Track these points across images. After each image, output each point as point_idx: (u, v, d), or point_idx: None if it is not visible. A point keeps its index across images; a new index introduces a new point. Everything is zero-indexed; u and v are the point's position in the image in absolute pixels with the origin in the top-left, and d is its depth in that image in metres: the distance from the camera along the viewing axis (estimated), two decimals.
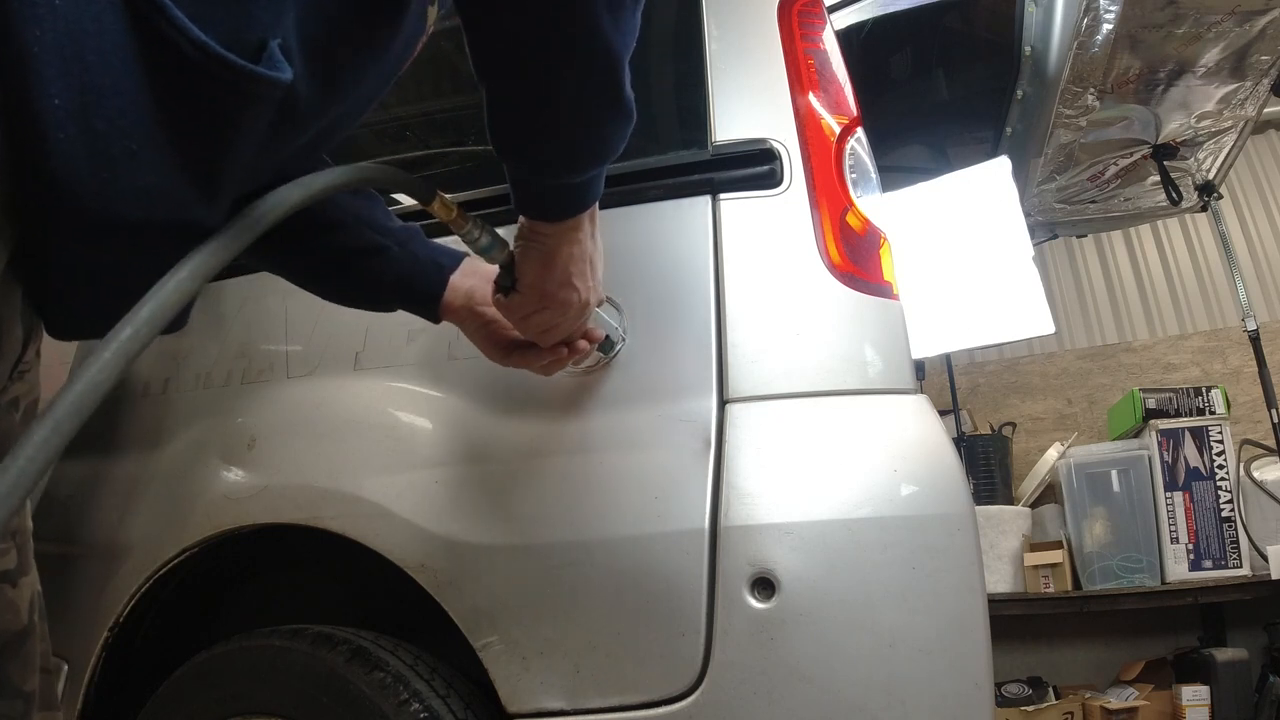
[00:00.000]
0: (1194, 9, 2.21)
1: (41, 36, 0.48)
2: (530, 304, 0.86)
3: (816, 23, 1.24)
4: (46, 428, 0.46)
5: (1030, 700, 3.12)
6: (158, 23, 0.51)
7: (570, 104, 0.70)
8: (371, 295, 0.97)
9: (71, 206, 0.51)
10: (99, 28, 0.50)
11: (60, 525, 1.32)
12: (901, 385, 1.10)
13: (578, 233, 0.82)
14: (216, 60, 0.53)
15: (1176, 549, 3.03)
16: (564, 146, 0.73)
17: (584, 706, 0.98)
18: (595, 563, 1.01)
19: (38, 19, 0.48)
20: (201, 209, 0.59)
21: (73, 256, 0.56)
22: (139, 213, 0.55)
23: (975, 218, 2.75)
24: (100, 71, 0.50)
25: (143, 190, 0.54)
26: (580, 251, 0.84)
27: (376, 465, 1.15)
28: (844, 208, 1.15)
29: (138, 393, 1.39)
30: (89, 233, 0.54)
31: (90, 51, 0.50)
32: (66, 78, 0.49)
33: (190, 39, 0.52)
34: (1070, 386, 4.28)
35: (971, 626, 0.98)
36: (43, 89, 0.48)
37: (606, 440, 1.07)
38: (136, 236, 0.56)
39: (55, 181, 0.50)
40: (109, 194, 0.52)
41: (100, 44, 0.50)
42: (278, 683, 1.08)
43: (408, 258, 0.94)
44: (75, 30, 0.49)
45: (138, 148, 0.53)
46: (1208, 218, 3.57)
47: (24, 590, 0.74)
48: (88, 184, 0.51)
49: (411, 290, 0.96)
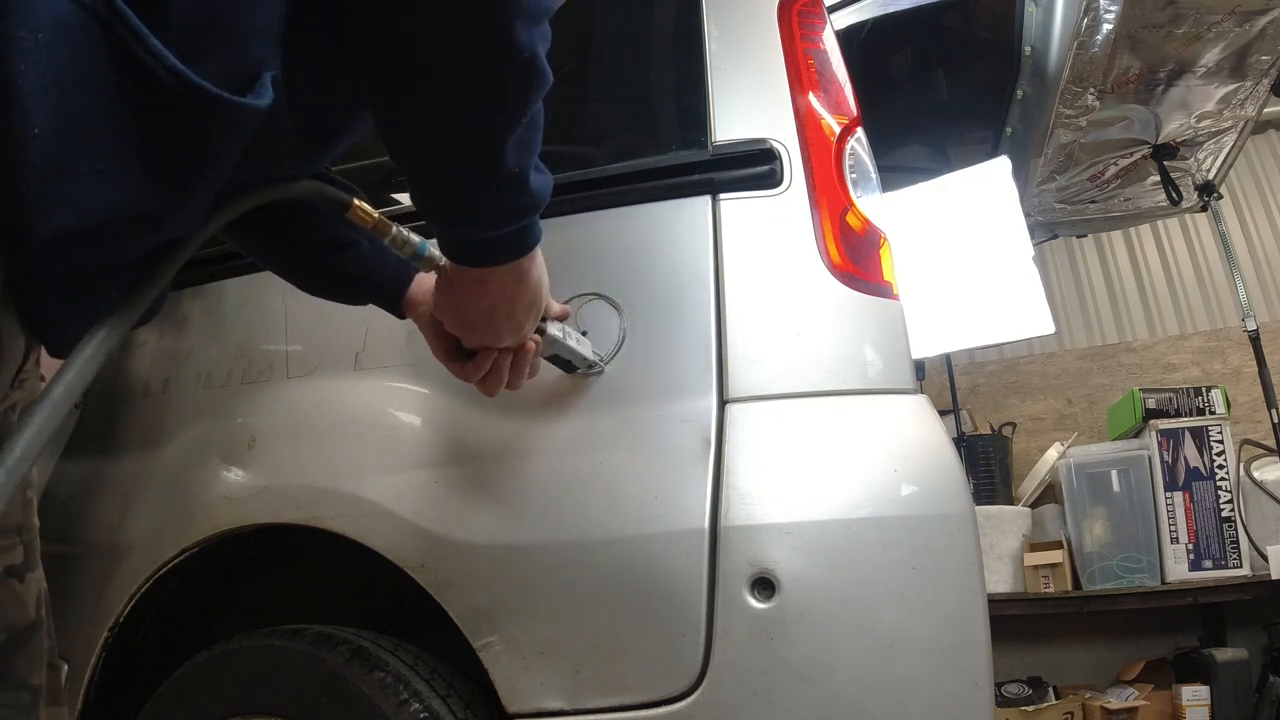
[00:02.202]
0: (1194, 9, 2.21)
1: (25, 70, 0.50)
2: (447, 320, 0.88)
3: (816, 23, 1.24)
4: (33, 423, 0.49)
5: (1030, 700, 3.12)
6: (137, 51, 0.53)
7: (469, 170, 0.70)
8: (340, 287, 0.98)
9: (40, 222, 0.53)
10: (80, 57, 0.52)
11: (60, 525, 1.32)
12: (901, 385, 1.10)
13: (486, 285, 0.82)
14: (192, 88, 0.55)
15: (1176, 549, 3.03)
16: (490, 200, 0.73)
17: (584, 706, 0.98)
18: (595, 563, 1.01)
19: (23, 53, 0.50)
20: (173, 219, 0.61)
21: (49, 273, 0.57)
22: (109, 226, 0.56)
23: (975, 218, 2.76)
24: (77, 97, 0.52)
25: (112, 205, 0.56)
26: (488, 303, 0.84)
27: (376, 465, 1.15)
28: (844, 208, 1.15)
29: (138, 393, 1.39)
30: (59, 248, 0.55)
31: (69, 79, 0.52)
32: (46, 107, 0.51)
33: (166, 66, 0.54)
34: (1070, 386, 4.28)
35: (971, 626, 0.98)
36: (25, 119, 0.50)
37: (607, 440, 1.07)
38: (109, 249, 0.58)
39: (24, 201, 0.52)
40: (77, 209, 0.54)
41: (79, 71, 0.52)
42: (278, 683, 1.08)
43: (376, 253, 0.95)
44: (56, 60, 0.51)
45: (107, 166, 0.54)
46: (1208, 218, 3.57)
47: (31, 585, 0.75)
48: (56, 201, 0.53)
49: (377, 284, 0.97)
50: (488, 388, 0.95)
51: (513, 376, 0.95)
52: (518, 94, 0.66)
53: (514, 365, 0.94)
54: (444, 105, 0.65)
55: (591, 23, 1.38)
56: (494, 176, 0.69)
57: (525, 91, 0.66)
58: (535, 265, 0.84)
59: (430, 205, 0.74)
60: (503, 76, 0.64)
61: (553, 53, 0.68)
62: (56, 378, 0.55)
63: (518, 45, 0.62)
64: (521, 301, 0.85)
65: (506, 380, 0.95)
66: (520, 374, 0.96)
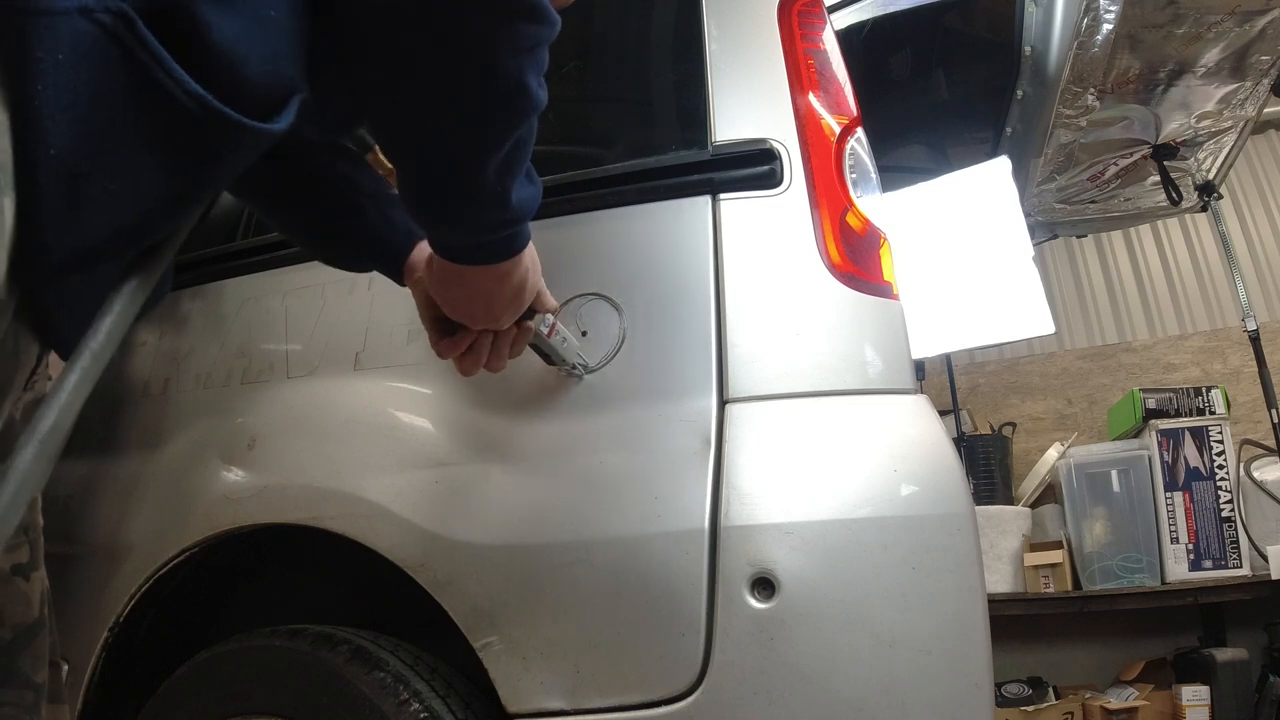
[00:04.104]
0: (1194, 9, 2.21)
1: (44, 91, 0.50)
2: (434, 292, 0.90)
3: (816, 23, 1.24)
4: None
5: (1030, 700, 3.12)
6: (157, 74, 0.53)
7: (469, 174, 0.71)
8: (345, 251, 1.00)
9: (53, 243, 0.53)
10: (98, 79, 0.52)
11: (60, 525, 1.32)
12: (901, 385, 1.10)
13: (464, 278, 0.84)
14: (212, 112, 0.56)
15: (1176, 549, 3.03)
16: (469, 213, 0.75)
17: (584, 706, 0.98)
18: (595, 562, 1.01)
19: (42, 74, 0.50)
20: (176, 227, 0.62)
21: (60, 286, 0.58)
22: (114, 244, 0.57)
23: (975, 218, 2.76)
24: (92, 119, 0.52)
25: (119, 226, 0.56)
26: (466, 294, 0.86)
27: (376, 465, 1.15)
28: (844, 208, 1.15)
29: (138, 393, 1.39)
30: (69, 267, 0.56)
31: (86, 101, 0.52)
32: (62, 128, 0.51)
33: (187, 90, 0.54)
34: (1070, 386, 4.28)
35: (971, 626, 0.98)
36: (42, 141, 0.51)
37: (607, 440, 1.07)
38: (113, 262, 0.59)
39: (38, 224, 0.52)
40: (86, 231, 0.55)
41: (96, 92, 0.52)
42: (278, 683, 1.08)
43: (383, 219, 0.96)
44: (75, 82, 0.51)
45: (118, 188, 0.55)
46: (1208, 218, 3.57)
47: (35, 584, 0.76)
48: (66, 223, 0.53)
49: (381, 249, 0.99)
50: (464, 366, 0.96)
51: (491, 358, 0.96)
52: (502, 118, 0.67)
53: (494, 348, 0.96)
54: (429, 119, 0.67)
55: (591, 23, 1.38)
56: (474, 191, 0.71)
57: (510, 116, 0.67)
58: (519, 268, 0.85)
59: (413, 205, 0.76)
60: (488, 100, 0.65)
61: (553, 53, 0.68)
62: (69, 367, 0.56)
63: (505, 72, 0.64)
64: (499, 299, 0.87)
65: (484, 361, 0.96)
66: (499, 357, 0.97)
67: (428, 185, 0.72)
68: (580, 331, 1.13)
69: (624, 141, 1.33)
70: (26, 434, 0.52)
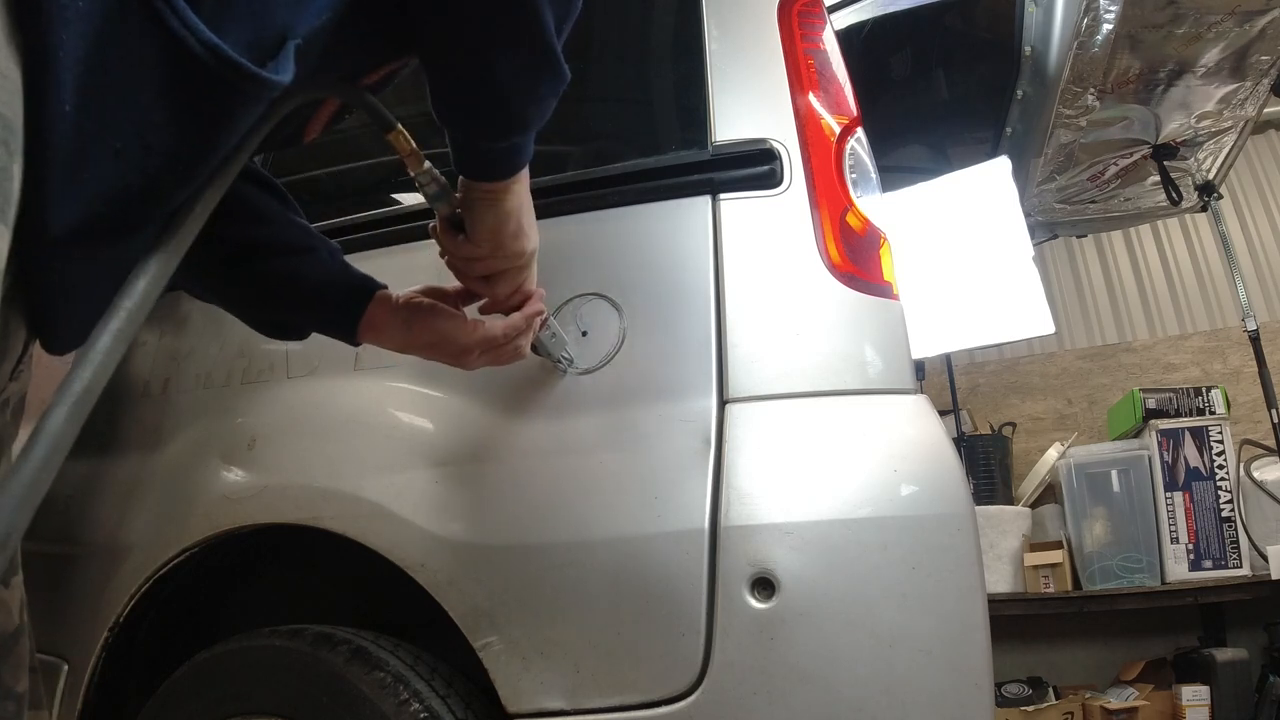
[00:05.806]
0: (1194, 9, 2.21)
1: (66, 41, 0.49)
2: (483, 250, 0.89)
3: (816, 23, 1.24)
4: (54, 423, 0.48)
5: (1030, 700, 3.12)
6: (171, 22, 0.52)
7: (508, 75, 0.74)
8: (290, 300, 0.93)
9: (55, 216, 0.52)
10: (111, 28, 0.50)
11: (60, 525, 1.32)
12: (901, 385, 1.10)
13: (521, 184, 0.87)
14: (226, 62, 0.54)
15: (1176, 549, 3.03)
16: (502, 115, 0.78)
17: (584, 706, 0.98)
18: (595, 563, 1.01)
19: (65, 22, 0.48)
20: (178, 195, 0.60)
21: (56, 270, 0.56)
22: (117, 212, 0.55)
23: (975, 218, 2.76)
24: (102, 71, 0.51)
25: (124, 189, 0.55)
26: (525, 202, 0.89)
27: (376, 465, 1.15)
28: (844, 208, 1.15)
29: (138, 393, 1.39)
30: (69, 244, 0.54)
31: (97, 52, 0.50)
32: (76, 81, 0.50)
33: (201, 40, 0.53)
34: (1070, 386, 4.28)
35: (971, 626, 0.98)
36: (59, 95, 0.49)
37: (607, 440, 1.07)
38: (114, 239, 0.57)
39: (44, 191, 0.51)
40: (89, 197, 0.53)
41: (108, 43, 0.50)
42: (278, 683, 1.08)
43: (336, 263, 0.94)
44: (90, 31, 0.50)
45: (124, 146, 0.53)
46: (1208, 218, 3.57)
47: (15, 591, 0.73)
48: (71, 190, 0.52)
49: (334, 294, 0.93)
50: (501, 354, 0.98)
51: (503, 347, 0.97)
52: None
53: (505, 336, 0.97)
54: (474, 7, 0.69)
55: (591, 23, 1.38)
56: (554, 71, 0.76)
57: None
58: (525, 186, 0.88)
59: (449, 110, 0.78)
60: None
61: None
62: (102, 326, 0.53)
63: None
64: (529, 213, 0.90)
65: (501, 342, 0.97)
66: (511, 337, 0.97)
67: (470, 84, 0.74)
68: (580, 331, 1.13)
69: (624, 141, 1.33)
70: (58, 394, 0.50)
